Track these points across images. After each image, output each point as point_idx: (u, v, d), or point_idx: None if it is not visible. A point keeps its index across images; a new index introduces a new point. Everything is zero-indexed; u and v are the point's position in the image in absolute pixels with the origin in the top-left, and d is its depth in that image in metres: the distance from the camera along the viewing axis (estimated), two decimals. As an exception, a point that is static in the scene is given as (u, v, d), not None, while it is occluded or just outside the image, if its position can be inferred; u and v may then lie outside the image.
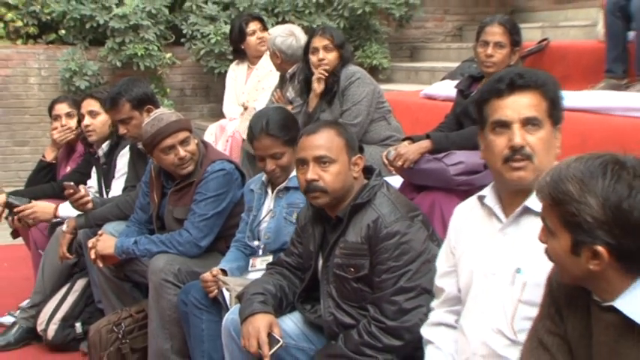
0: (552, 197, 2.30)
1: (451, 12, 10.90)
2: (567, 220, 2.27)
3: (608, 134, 5.33)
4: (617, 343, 2.33)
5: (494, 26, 5.46)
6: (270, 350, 3.56)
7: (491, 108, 3.03)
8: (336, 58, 5.88)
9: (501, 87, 3.00)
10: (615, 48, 7.06)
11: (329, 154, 3.66)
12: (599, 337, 2.40)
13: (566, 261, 2.35)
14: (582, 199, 2.22)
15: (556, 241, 2.35)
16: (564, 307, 2.54)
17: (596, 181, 2.22)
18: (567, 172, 2.28)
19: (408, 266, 3.50)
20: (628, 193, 2.18)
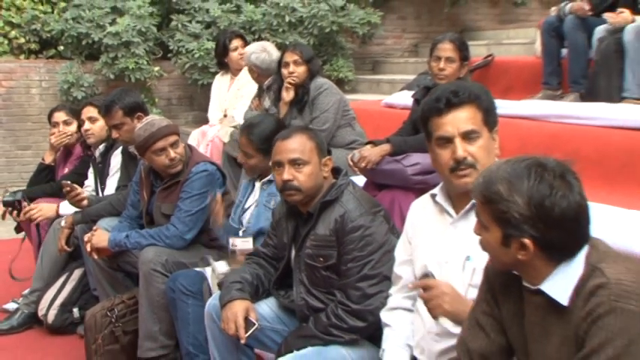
0: (484, 196, 2.33)
1: (408, 30, 10.91)
2: (498, 217, 2.30)
3: (544, 138, 5.37)
4: (544, 321, 2.39)
5: (446, 43, 5.53)
6: (246, 333, 3.57)
7: (434, 125, 3.06)
8: (305, 71, 5.90)
9: (440, 106, 3.01)
10: (551, 63, 7.16)
11: (302, 156, 3.66)
12: (529, 317, 2.45)
13: (497, 252, 2.38)
14: (510, 198, 2.25)
15: (489, 234, 2.37)
16: (499, 293, 2.58)
17: (522, 182, 2.25)
18: (497, 174, 2.31)
19: (371, 256, 3.51)
20: (549, 192, 2.22)
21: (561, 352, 2.33)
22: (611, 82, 6.39)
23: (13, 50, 9.75)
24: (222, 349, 3.81)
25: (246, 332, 3.58)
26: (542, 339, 2.42)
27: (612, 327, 2.14)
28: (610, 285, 2.18)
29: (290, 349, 3.51)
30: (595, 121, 5.52)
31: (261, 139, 4.45)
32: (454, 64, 5.46)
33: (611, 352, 2.13)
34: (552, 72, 7.14)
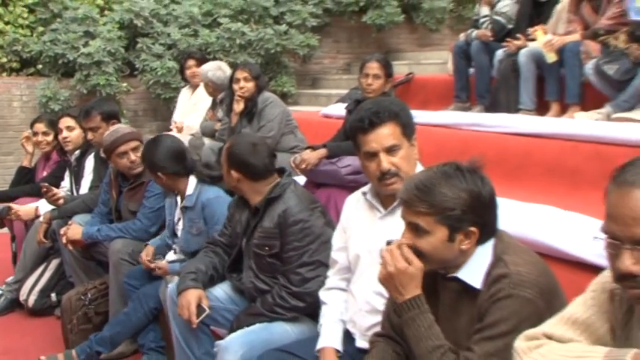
0: (429, 205, 2.32)
1: (342, 52, 10.92)
2: (444, 217, 2.32)
3: (456, 143, 5.40)
4: (456, 303, 2.46)
5: (373, 62, 5.59)
6: (197, 318, 3.58)
7: (360, 141, 3.05)
8: (254, 86, 5.89)
9: (364, 125, 3.00)
10: (460, 80, 7.22)
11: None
12: (443, 299, 2.51)
13: (441, 250, 2.37)
14: (455, 196, 2.31)
15: (432, 237, 2.35)
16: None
17: (457, 182, 2.34)
18: (431, 183, 2.35)
19: (309, 245, 3.51)
20: (482, 184, 2.37)
21: (468, 328, 2.36)
22: (509, 96, 6.47)
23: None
24: (182, 327, 3.75)
25: (198, 317, 3.58)
26: (454, 317, 2.47)
27: (508, 309, 2.24)
28: (510, 275, 2.27)
29: (241, 325, 3.49)
30: (497, 129, 5.57)
31: (161, 159, 4.39)
32: (380, 80, 5.54)
33: (504, 328, 2.22)
34: (462, 88, 7.19)
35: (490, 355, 2.21)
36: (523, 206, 4.10)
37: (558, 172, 4.78)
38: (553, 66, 6.11)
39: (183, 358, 3.81)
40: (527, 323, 2.16)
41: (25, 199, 6.15)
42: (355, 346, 3.06)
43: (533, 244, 3.31)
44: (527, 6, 7.02)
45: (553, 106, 6.19)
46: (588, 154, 4.68)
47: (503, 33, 6.99)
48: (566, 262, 3.30)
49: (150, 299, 4.32)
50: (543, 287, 2.28)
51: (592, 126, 5.13)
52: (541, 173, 4.85)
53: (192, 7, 9.85)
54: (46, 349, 4.75)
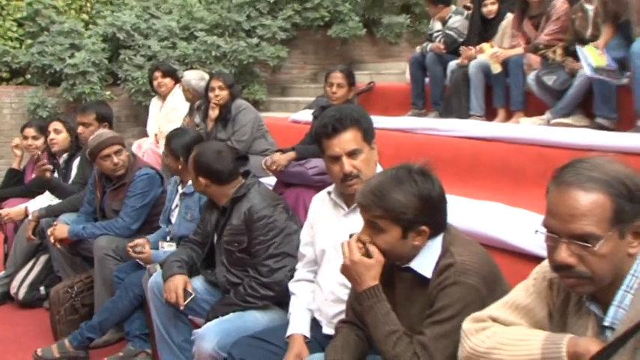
0: (384, 209, 2.37)
1: (309, 63, 10.90)
2: (397, 218, 2.37)
3: (413, 146, 5.43)
4: (410, 291, 2.51)
5: (337, 72, 5.59)
6: (184, 301, 3.61)
7: (325, 145, 3.08)
8: (228, 94, 5.87)
9: (328, 131, 3.04)
10: (417, 89, 7.28)
11: None
12: (399, 288, 2.57)
13: (395, 246, 2.42)
14: (406, 200, 2.36)
15: (387, 235, 2.41)
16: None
17: (410, 186, 2.39)
18: (385, 188, 2.40)
19: (274, 239, 3.55)
20: (431, 185, 2.42)
21: (422, 314, 2.40)
22: (461, 103, 6.53)
23: (-14, 79, 9.54)
24: (163, 316, 3.77)
25: (185, 300, 3.61)
26: (408, 305, 2.52)
27: (454, 295, 2.30)
28: (456, 264, 2.34)
29: (216, 315, 3.48)
30: (450, 133, 5.61)
31: (184, 147, 4.40)
32: (344, 88, 5.52)
33: (451, 312, 2.28)
34: (418, 95, 7.25)
35: (440, 337, 2.27)
36: (473, 203, 4.12)
37: (504, 171, 4.82)
38: (499, 76, 6.20)
39: (163, 345, 3.82)
40: (471, 307, 2.24)
41: (15, 199, 6.10)
42: (322, 332, 3.07)
43: (483, 237, 3.35)
44: (476, 22, 7.11)
45: (500, 112, 6.28)
46: (531, 155, 4.73)
47: (455, 46, 7.05)
48: (511, 253, 3.33)
49: (135, 287, 4.29)
50: (486, 275, 2.35)
51: (534, 130, 5.21)
52: (489, 173, 4.89)
53: (171, 22, 9.80)
54: (37, 339, 4.77)
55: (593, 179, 1.76)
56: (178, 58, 9.33)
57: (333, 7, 10.46)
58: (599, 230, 1.74)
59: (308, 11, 10.43)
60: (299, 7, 10.44)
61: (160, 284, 3.74)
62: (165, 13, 10.08)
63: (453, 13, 7.39)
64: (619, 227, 1.75)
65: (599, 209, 1.75)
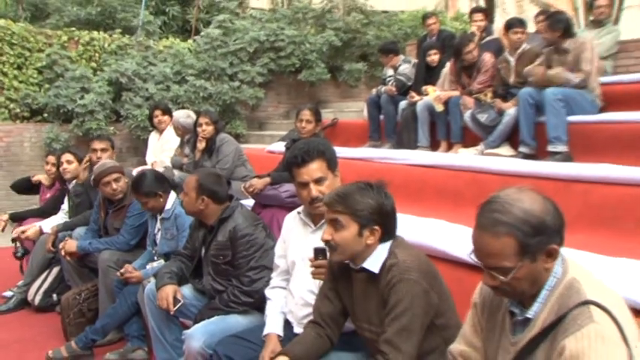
0: (346, 206, 2.43)
1: (282, 102, 10.95)
2: (356, 215, 2.41)
3: (371, 173, 5.32)
4: (365, 290, 2.53)
5: (306, 110, 5.61)
6: (174, 307, 3.58)
7: (295, 173, 3.07)
8: (213, 129, 5.82)
9: (298, 161, 3.04)
10: (373, 124, 7.30)
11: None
12: (356, 288, 2.58)
13: (352, 242, 2.43)
14: (364, 201, 2.42)
15: (346, 231, 2.42)
16: (338, 274, 2.67)
17: (367, 193, 2.44)
18: (348, 192, 2.45)
19: (254, 253, 3.52)
20: (385, 196, 2.48)
21: (377, 310, 2.44)
22: (410, 136, 6.58)
23: (11, 117, 9.55)
24: (157, 319, 3.73)
25: (174, 306, 3.59)
26: (364, 302, 2.54)
27: (402, 291, 2.33)
28: (399, 263, 2.39)
29: (203, 318, 3.44)
30: (401, 161, 5.62)
31: (148, 187, 4.35)
32: (311, 124, 5.54)
33: (402, 306, 2.30)
34: (374, 130, 7.28)
35: (401, 330, 2.29)
36: (420, 220, 4.15)
37: (446, 194, 4.84)
38: (441, 114, 6.27)
39: (158, 343, 3.77)
40: (418, 299, 2.31)
41: (32, 219, 6.11)
42: (293, 331, 3.04)
43: (428, 248, 3.36)
44: (422, 69, 7.20)
45: (442, 144, 6.32)
46: (468, 180, 4.75)
47: (404, 89, 7.11)
48: (452, 262, 3.35)
49: (132, 295, 4.24)
50: (424, 271, 2.39)
51: (470, 159, 5.25)
52: (433, 195, 4.91)
53: (165, 68, 9.83)
54: (50, 338, 4.73)
55: (500, 223, 1.79)
56: (172, 98, 9.34)
57: (302, 56, 10.56)
58: (510, 264, 1.79)
59: (281, 59, 10.50)
60: (274, 55, 10.50)
61: (154, 292, 3.72)
62: (160, 61, 10.10)
63: (403, 62, 7.47)
64: (529, 256, 1.78)
65: (507, 249, 1.78)
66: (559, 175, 4.29)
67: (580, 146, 5.05)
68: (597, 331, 1.62)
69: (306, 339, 2.66)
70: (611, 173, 4.08)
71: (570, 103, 5.21)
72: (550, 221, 1.79)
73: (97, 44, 10.26)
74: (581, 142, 5.06)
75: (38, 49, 9.79)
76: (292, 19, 11.54)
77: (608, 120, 5.13)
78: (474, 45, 6.29)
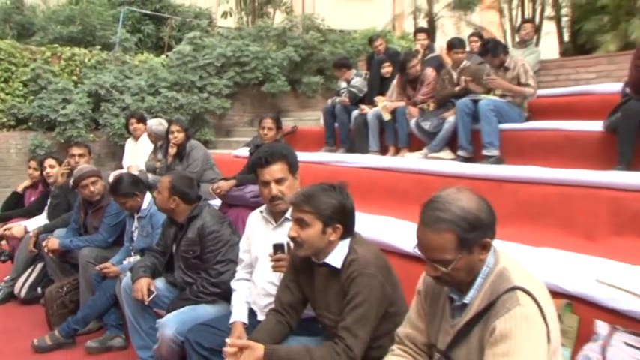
0: (312, 205, 2.41)
1: (247, 111, 10.84)
2: (321, 214, 2.40)
3: (327, 175, 5.40)
4: (326, 282, 2.51)
5: (267, 119, 5.57)
6: (148, 297, 3.55)
7: (259, 173, 3.06)
8: (184, 136, 5.75)
9: (262, 162, 3.04)
10: (329, 131, 7.31)
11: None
12: (317, 280, 2.56)
13: (316, 239, 2.42)
14: (328, 201, 2.41)
15: (311, 229, 2.41)
16: (299, 268, 2.64)
17: (331, 193, 2.43)
18: (313, 193, 2.44)
19: (221, 248, 3.49)
20: (346, 197, 2.47)
21: (336, 300, 2.43)
22: (362, 142, 6.59)
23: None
24: (133, 310, 3.67)
25: (149, 297, 3.56)
26: (325, 292, 2.51)
27: (361, 283, 2.32)
28: (358, 258, 2.38)
29: (175, 307, 3.39)
30: (354, 165, 5.64)
31: (125, 189, 4.30)
32: (273, 131, 5.51)
33: (361, 297, 2.30)
34: (330, 136, 7.27)
35: (359, 319, 2.29)
36: (372, 217, 4.16)
37: (394, 193, 4.86)
38: (389, 122, 6.28)
39: (134, 331, 3.71)
40: (375, 291, 2.32)
41: (18, 219, 5.98)
42: (256, 319, 3.02)
43: (379, 242, 3.37)
44: (376, 81, 7.22)
45: (391, 149, 6.34)
46: (413, 181, 4.78)
47: (356, 100, 7.13)
48: (399, 254, 3.37)
49: (110, 288, 4.17)
50: (380, 266, 2.40)
51: (415, 162, 5.28)
52: (383, 195, 4.92)
53: (140, 81, 9.69)
54: (35, 329, 4.63)
55: (442, 220, 1.81)
56: (146, 108, 9.21)
57: (265, 70, 10.53)
58: (450, 256, 1.81)
59: (246, 73, 10.43)
60: (239, 69, 10.43)
61: (130, 285, 3.67)
62: (136, 75, 9.96)
63: (355, 75, 7.48)
64: (466, 249, 1.81)
65: (447, 243, 1.80)
66: (492, 176, 4.35)
67: (510, 151, 5.13)
68: (522, 312, 1.68)
69: (268, 325, 2.64)
70: (536, 174, 4.15)
71: (501, 112, 5.30)
72: (484, 218, 1.82)
73: (78, 59, 10.10)
74: (511, 147, 5.14)
75: (24, 63, 9.62)
76: (256, 37, 11.50)
77: (534, 128, 5.22)
78: (417, 60, 6.35)
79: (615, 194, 3.65)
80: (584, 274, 2.84)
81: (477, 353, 1.78)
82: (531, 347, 1.64)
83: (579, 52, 9.23)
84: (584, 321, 2.59)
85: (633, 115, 4.28)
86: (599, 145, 4.57)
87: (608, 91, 5.65)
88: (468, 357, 1.82)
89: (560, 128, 4.96)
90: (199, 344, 2.91)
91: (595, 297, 2.62)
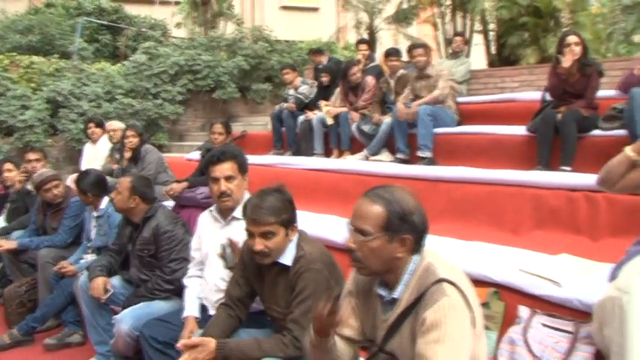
0: (275, 216, 2.37)
1: (199, 117, 10.66)
2: (282, 220, 2.38)
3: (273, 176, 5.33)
4: (276, 278, 2.49)
5: (218, 124, 5.53)
6: (105, 295, 3.49)
7: (210, 170, 3.03)
8: (139, 140, 5.69)
9: (214, 160, 3.02)
10: (276, 135, 7.25)
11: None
12: (267, 275, 2.53)
13: (282, 244, 2.41)
14: (284, 207, 2.40)
15: (277, 237, 2.39)
16: (248, 263, 2.61)
17: (279, 197, 2.41)
18: (265, 205, 2.38)
19: (174, 247, 3.43)
20: (289, 195, 2.45)
21: (284, 294, 2.43)
22: (308, 145, 6.56)
23: (-44, 131, 8.88)
24: (91, 307, 3.59)
25: (105, 295, 3.49)
26: (274, 288, 2.50)
27: (308, 278, 2.32)
28: (306, 255, 2.38)
29: (130, 304, 3.32)
30: (300, 166, 5.64)
31: (89, 185, 4.20)
32: (223, 135, 5.45)
33: (308, 291, 2.31)
34: (278, 140, 7.20)
35: (305, 311, 2.28)
36: (316, 216, 4.15)
37: (336, 193, 4.87)
38: (333, 126, 6.29)
39: (91, 328, 3.63)
40: (321, 285, 2.31)
41: None
42: (208, 313, 2.98)
43: (324, 239, 3.36)
44: (319, 89, 7.20)
45: (334, 151, 6.34)
46: (355, 181, 4.81)
47: (303, 105, 7.11)
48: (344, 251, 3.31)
49: (67, 287, 4.05)
50: (325, 262, 2.40)
51: (357, 164, 5.31)
52: (326, 194, 4.93)
53: (97, 88, 9.43)
54: (-6, 328, 4.47)
55: (381, 197, 1.84)
56: (103, 114, 8.92)
57: (216, 78, 10.41)
58: (371, 228, 1.81)
59: (198, 80, 10.31)
60: (192, 77, 10.29)
61: (87, 283, 3.58)
62: (93, 82, 9.68)
63: (301, 83, 7.48)
64: (388, 234, 1.81)
65: (374, 215, 1.81)
66: (428, 176, 4.41)
67: (444, 153, 5.20)
68: (449, 302, 1.70)
69: (219, 319, 2.62)
70: (468, 174, 4.23)
71: (437, 117, 5.37)
72: (416, 218, 1.83)
73: (36, 67, 9.77)
74: (444, 149, 5.22)
75: (-18, 72, 9.21)
76: (208, 47, 11.36)
77: (465, 132, 5.32)
78: (357, 69, 6.40)
79: (537, 192, 3.75)
80: (510, 264, 2.91)
81: (409, 344, 1.79)
82: (459, 333, 1.67)
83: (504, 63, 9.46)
84: (510, 307, 2.66)
85: (550, 120, 4.43)
86: (523, 147, 4.69)
87: (529, 99, 5.81)
88: (401, 348, 1.83)
89: (488, 132, 5.07)
90: (154, 338, 2.86)
91: (519, 285, 2.69)
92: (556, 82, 4.61)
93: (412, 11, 11.82)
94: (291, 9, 19.88)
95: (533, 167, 4.35)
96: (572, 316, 2.42)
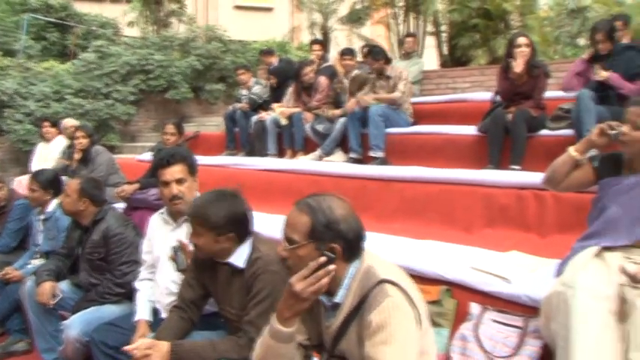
0: (202, 219, 2.36)
1: (151, 117, 10.51)
2: (210, 226, 2.35)
3: (227, 176, 5.34)
4: (228, 279, 2.47)
5: (170, 125, 5.56)
6: (53, 300, 3.42)
7: (160, 173, 2.98)
8: (89, 142, 5.58)
9: (164, 163, 2.96)
10: (230, 135, 7.23)
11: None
12: (220, 277, 2.51)
13: (210, 246, 2.39)
14: (218, 214, 2.36)
15: (204, 237, 2.37)
16: (200, 266, 2.59)
17: (221, 204, 2.38)
18: (203, 204, 2.39)
19: (125, 250, 3.38)
20: (237, 204, 2.42)
21: (239, 296, 2.40)
22: (262, 146, 6.54)
23: None
24: (38, 313, 3.51)
25: (53, 300, 3.41)
26: (228, 288, 2.47)
27: (264, 280, 2.31)
28: (263, 257, 2.36)
29: (80, 309, 3.24)
30: (253, 167, 5.61)
31: (47, 181, 4.12)
32: (175, 136, 5.47)
33: (264, 293, 2.30)
34: (231, 140, 7.15)
35: (262, 313, 2.25)
36: (269, 216, 4.13)
37: (290, 193, 4.77)
38: (286, 127, 6.28)
39: (39, 335, 3.55)
40: (278, 287, 2.24)
41: None
42: (160, 317, 2.94)
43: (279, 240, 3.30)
44: (271, 89, 7.18)
45: (287, 152, 6.33)
46: (308, 181, 4.81)
47: (256, 106, 7.08)
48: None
49: (13, 293, 3.92)
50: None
51: (310, 164, 5.31)
52: (280, 195, 4.90)
53: (45, 88, 9.19)
54: None
55: (308, 206, 1.84)
56: (52, 114, 8.71)
57: (169, 78, 10.29)
58: (297, 237, 1.82)
59: (151, 80, 10.16)
60: (144, 77, 10.14)
61: (34, 289, 3.48)
62: (41, 81, 9.43)
63: (254, 83, 7.46)
64: (314, 240, 1.81)
65: (301, 225, 1.82)
66: (381, 176, 4.45)
67: (396, 153, 5.26)
68: (393, 302, 1.71)
69: (172, 322, 2.58)
70: (420, 174, 4.28)
71: (389, 118, 5.42)
72: (343, 227, 1.81)
73: (-22, 65, 9.45)
74: (397, 150, 5.28)
75: None
76: (160, 46, 11.20)
77: (418, 132, 5.39)
78: (310, 69, 6.42)
79: (487, 190, 3.82)
80: (462, 262, 2.96)
81: (356, 347, 1.79)
82: (405, 332, 1.69)
83: (456, 64, 9.61)
84: (461, 304, 2.70)
85: (500, 121, 4.52)
86: (474, 146, 4.78)
87: (480, 99, 5.93)
88: (350, 351, 1.83)
89: (440, 132, 5.15)
90: (104, 343, 2.79)
91: (470, 282, 2.74)
92: (506, 86, 4.72)
93: (365, 12, 11.90)
94: (245, 9, 19.75)
95: (483, 166, 4.43)
96: (521, 311, 2.47)
